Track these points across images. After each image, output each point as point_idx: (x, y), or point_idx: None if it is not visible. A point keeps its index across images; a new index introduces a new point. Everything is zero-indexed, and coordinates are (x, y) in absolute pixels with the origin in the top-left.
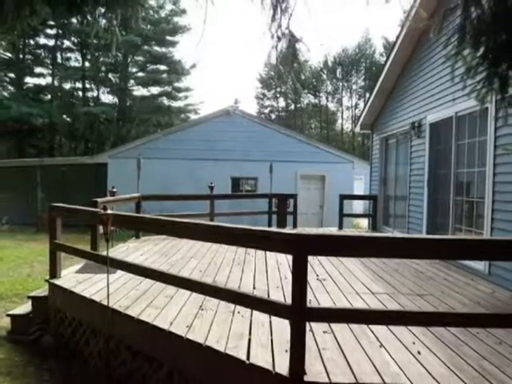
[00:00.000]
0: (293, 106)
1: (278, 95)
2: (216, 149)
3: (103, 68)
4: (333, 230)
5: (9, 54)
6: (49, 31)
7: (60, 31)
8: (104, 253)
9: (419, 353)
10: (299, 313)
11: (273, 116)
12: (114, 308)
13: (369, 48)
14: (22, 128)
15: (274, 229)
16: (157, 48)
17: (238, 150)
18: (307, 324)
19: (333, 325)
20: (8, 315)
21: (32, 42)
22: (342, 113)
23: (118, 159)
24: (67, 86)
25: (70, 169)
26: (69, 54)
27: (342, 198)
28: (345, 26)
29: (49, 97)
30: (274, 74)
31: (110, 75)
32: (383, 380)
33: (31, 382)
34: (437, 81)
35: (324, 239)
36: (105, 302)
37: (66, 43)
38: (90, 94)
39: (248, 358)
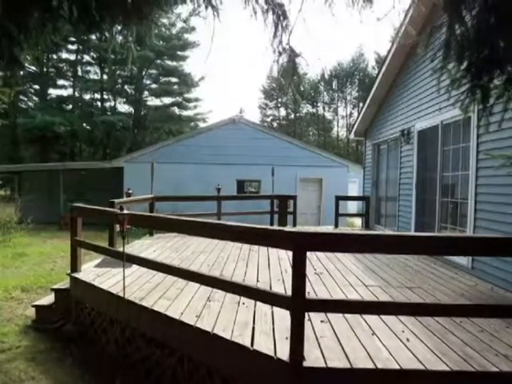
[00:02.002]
0: (293, 115)
1: (279, 105)
2: (223, 154)
3: (120, 80)
4: (329, 229)
5: (34, 68)
6: (70, 47)
7: (80, 47)
8: (120, 249)
9: (408, 340)
10: (299, 304)
11: (274, 124)
12: (129, 299)
13: (362, 62)
14: (45, 135)
15: (275, 227)
16: (169, 62)
17: (243, 155)
18: (306, 314)
19: (329, 314)
20: (33, 306)
21: (55, 56)
22: (338, 121)
23: (134, 163)
24: (87, 96)
25: (90, 172)
26: (88, 68)
27: (338, 199)
28: (340, 42)
29: (70, 107)
30: (275, 85)
31: (125, 87)
32: (375, 365)
33: (54, 367)
34: (424, 92)
35: (321, 237)
36: (121, 294)
37: (86, 58)
38: (107, 104)
39: (252, 344)
